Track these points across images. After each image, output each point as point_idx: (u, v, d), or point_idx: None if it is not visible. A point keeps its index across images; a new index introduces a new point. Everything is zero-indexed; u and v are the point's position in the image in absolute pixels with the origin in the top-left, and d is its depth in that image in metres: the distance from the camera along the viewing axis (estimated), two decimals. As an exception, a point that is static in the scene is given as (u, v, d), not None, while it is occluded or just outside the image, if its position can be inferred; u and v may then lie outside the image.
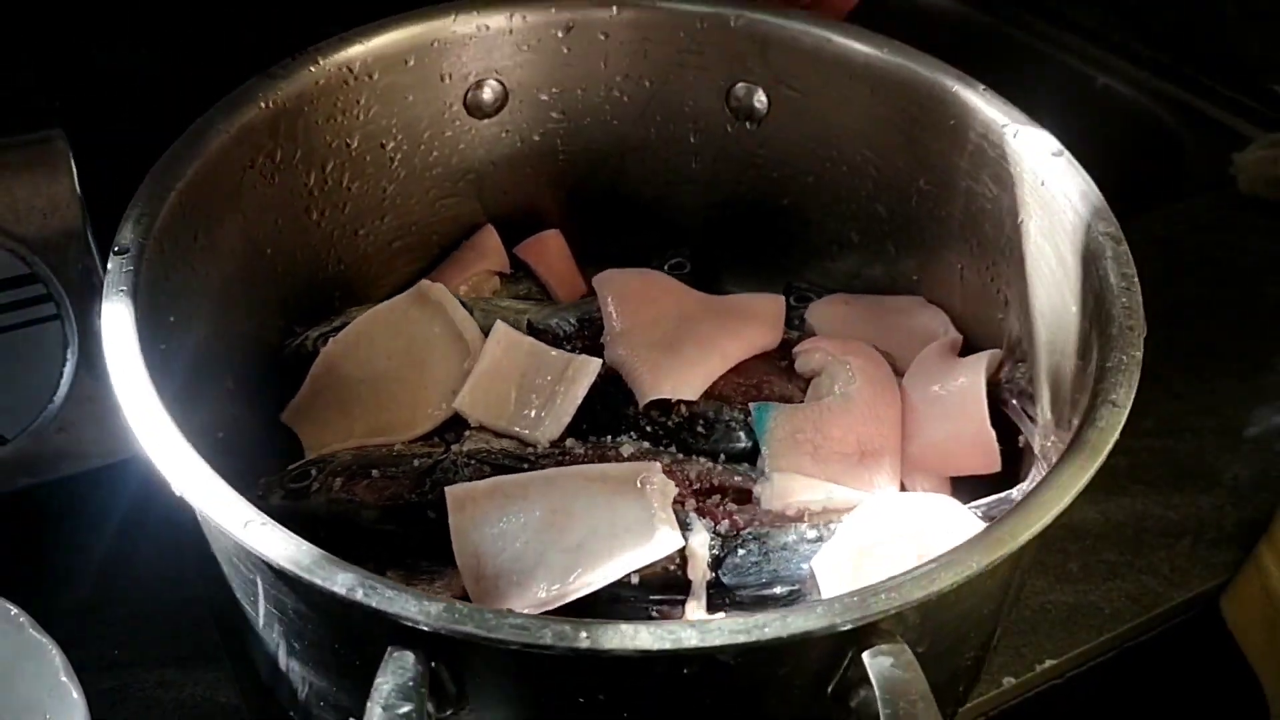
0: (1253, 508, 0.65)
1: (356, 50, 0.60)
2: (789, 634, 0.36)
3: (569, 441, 0.57)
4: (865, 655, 0.36)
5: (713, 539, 0.52)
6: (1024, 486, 0.53)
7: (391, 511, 0.53)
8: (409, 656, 0.36)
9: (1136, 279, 0.48)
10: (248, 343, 0.59)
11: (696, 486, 0.55)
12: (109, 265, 0.47)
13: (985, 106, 0.57)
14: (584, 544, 0.50)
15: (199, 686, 0.55)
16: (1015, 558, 0.40)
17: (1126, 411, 0.43)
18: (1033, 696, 0.58)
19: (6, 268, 0.53)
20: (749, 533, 0.52)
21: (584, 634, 0.36)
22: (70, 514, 0.60)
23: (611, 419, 0.58)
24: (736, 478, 0.56)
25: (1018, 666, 0.57)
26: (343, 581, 0.37)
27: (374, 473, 0.54)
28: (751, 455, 0.58)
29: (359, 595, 0.36)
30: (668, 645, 0.36)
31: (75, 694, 0.47)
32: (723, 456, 0.57)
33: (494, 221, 0.70)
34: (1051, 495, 0.40)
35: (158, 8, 0.78)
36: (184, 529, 0.46)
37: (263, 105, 0.57)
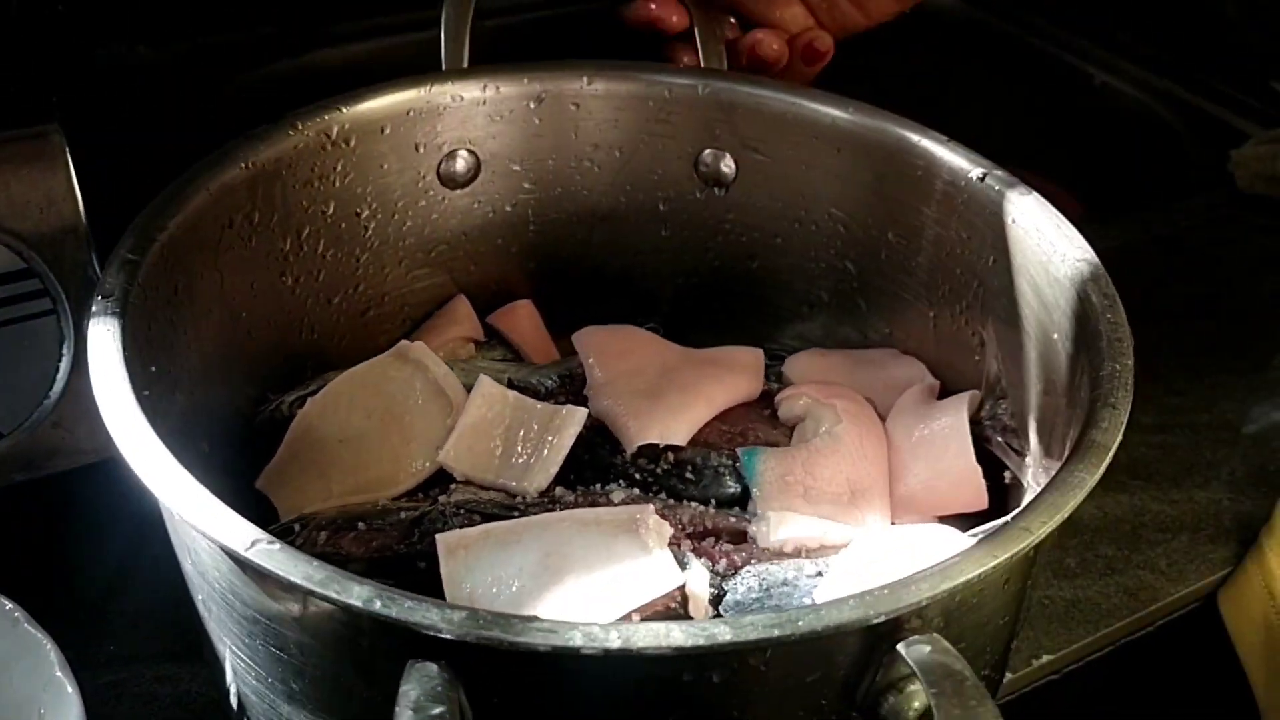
0: (1251, 503, 0.66)
1: (334, 116, 0.61)
2: (823, 626, 0.35)
3: (558, 490, 0.56)
4: (900, 646, 0.36)
5: (712, 578, 0.51)
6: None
7: (379, 564, 0.51)
8: (432, 666, 0.35)
9: (1118, 298, 0.49)
10: (222, 407, 0.58)
11: (690, 530, 0.54)
12: (93, 307, 0.46)
13: (950, 155, 0.59)
14: (581, 585, 0.49)
15: (196, 682, 0.54)
16: (1031, 556, 0.40)
17: (1126, 413, 0.44)
18: (1029, 692, 0.57)
19: (2, 262, 0.53)
20: (748, 570, 0.52)
21: (615, 634, 0.34)
22: (66, 510, 0.60)
23: (599, 470, 0.58)
24: (730, 520, 0.55)
25: (1015, 661, 0.56)
26: (359, 594, 0.35)
27: (360, 525, 0.53)
28: (741, 501, 0.57)
29: (376, 606, 0.35)
30: (701, 641, 0.35)
31: (70, 689, 0.46)
32: (713, 502, 0.57)
33: (465, 293, 0.70)
34: (1063, 492, 0.41)
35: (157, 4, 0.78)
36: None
37: (242, 166, 0.57)
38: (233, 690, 0.50)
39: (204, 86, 0.54)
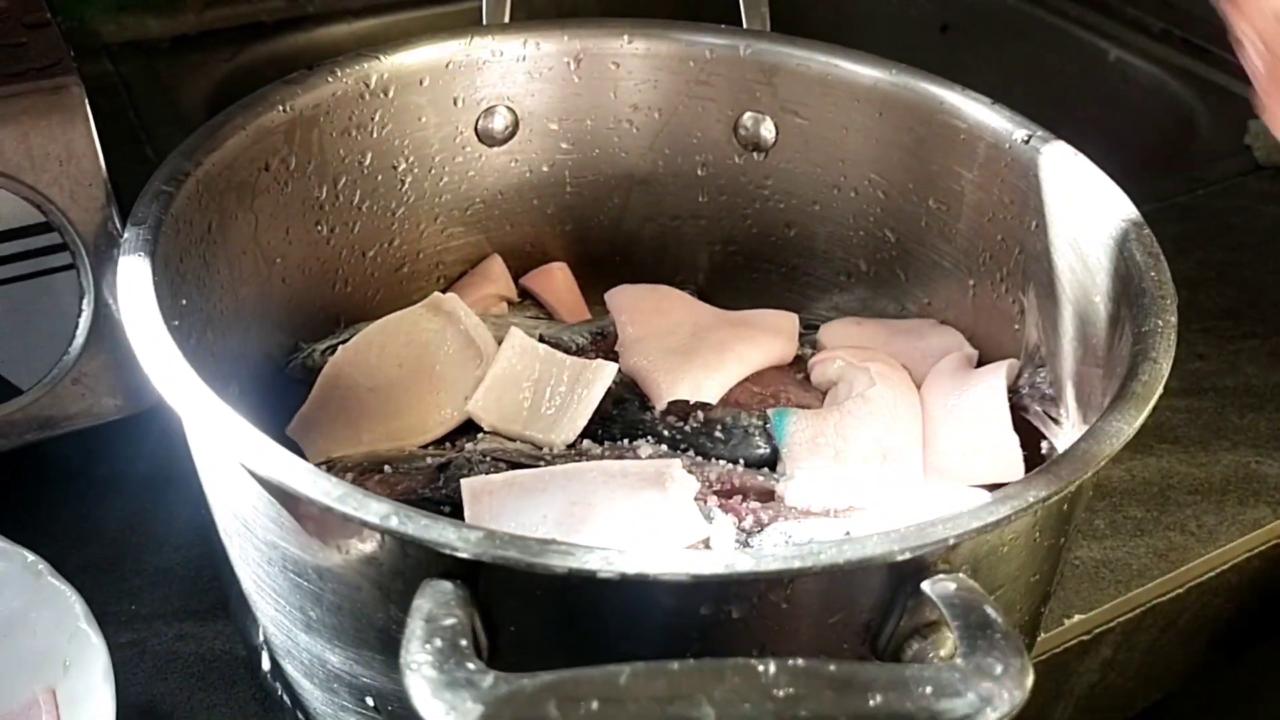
0: (1277, 465, 0.66)
1: (373, 65, 0.61)
2: (845, 560, 0.34)
3: (585, 444, 0.55)
4: (925, 584, 0.35)
5: (737, 534, 0.50)
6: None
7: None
8: (447, 584, 0.34)
9: (1162, 256, 0.48)
10: (254, 351, 0.58)
11: (717, 487, 0.54)
12: (126, 233, 0.46)
13: (994, 117, 0.58)
14: (604, 535, 0.48)
15: (219, 640, 0.54)
16: (1065, 510, 0.39)
17: (1167, 369, 0.43)
18: (1060, 652, 0.56)
19: (22, 215, 0.52)
20: (774, 528, 0.51)
21: (632, 559, 0.34)
22: (87, 468, 0.60)
23: (628, 426, 0.57)
24: (758, 479, 0.54)
25: (1046, 621, 0.55)
26: (375, 510, 0.35)
27: (386, 469, 0.53)
28: (770, 462, 0.56)
29: (393, 523, 0.35)
30: (720, 570, 0.34)
31: (95, 639, 0.46)
32: (742, 462, 0.56)
33: (499, 254, 0.70)
34: (1101, 441, 0.40)
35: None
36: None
37: (280, 109, 0.57)
38: (259, 634, 0.50)
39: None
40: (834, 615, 0.37)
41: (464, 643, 0.31)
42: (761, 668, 0.30)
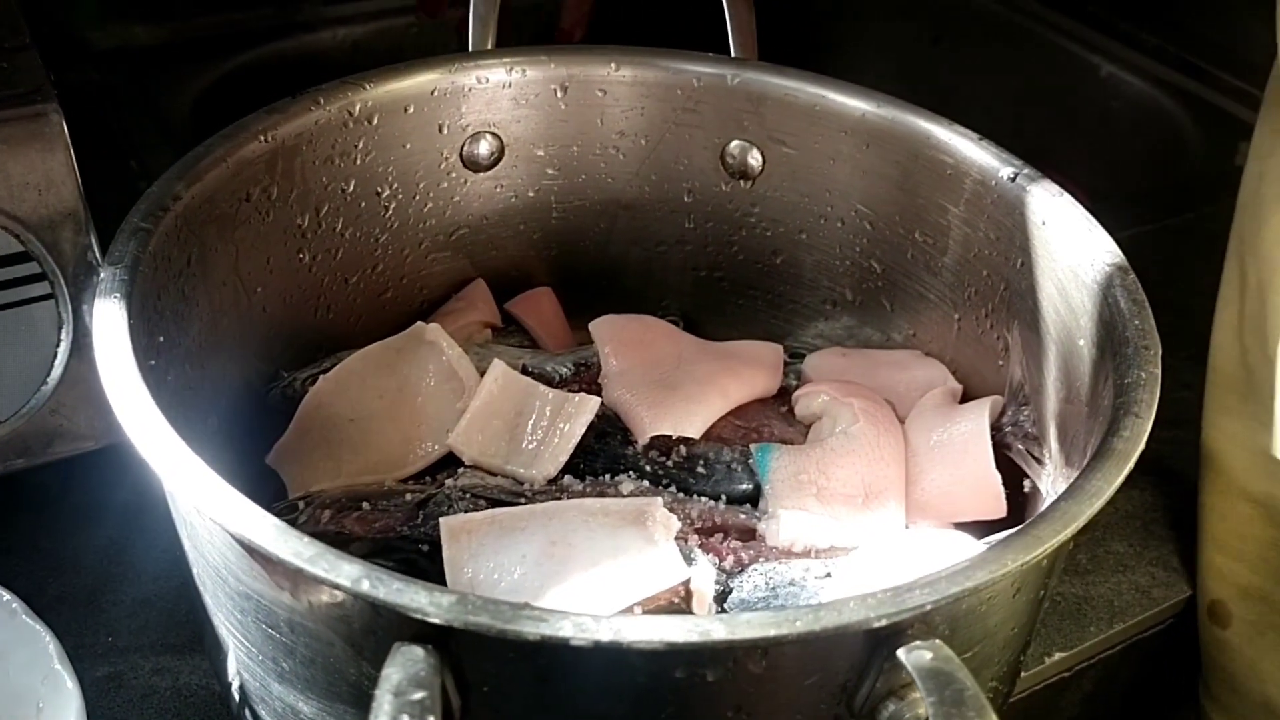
0: None
1: (357, 93, 0.60)
2: (820, 628, 0.34)
3: (566, 479, 0.55)
4: (900, 651, 0.35)
5: (718, 574, 0.50)
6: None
7: (382, 545, 0.51)
8: (418, 650, 0.34)
9: (1147, 303, 0.48)
10: (234, 382, 0.58)
11: (699, 525, 0.53)
12: (102, 272, 0.46)
13: (981, 153, 0.58)
14: (584, 576, 0.48)
15: (195, 675, 0.54)
16: (1044, 566, 0.39)
17: (1149, 423, 0.43)
18: (1041, 689, 0.56)
19: (0, 245, 0.51)
20: (755, 569, 0.51)
21: (605, 626, 0.34)
22: (65, 498, 0.60)
23: (610, 460, 0.57)
24: (740, 516, 0.54)
25: (1027, 659, 0.55)
26: (347, 573, 0.35)
27: (364, 505, 0.52)
28: (753, 498, 0.56)
29: (364, 587, 0.34)
30: (695, 638, 0.34)
31: (70, 683, 0.46)
32: (724, 498, 0.55)
33: (484, 279, 0.70)
34: (1081, 501, 0.39)
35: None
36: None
37: (262, 139, 0.56)
38: (231, 672, 0.49)
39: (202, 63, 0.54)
40: (810, 677, 0.37)
41: (431, 719, 0.31)
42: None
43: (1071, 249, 0.53)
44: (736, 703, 0.37)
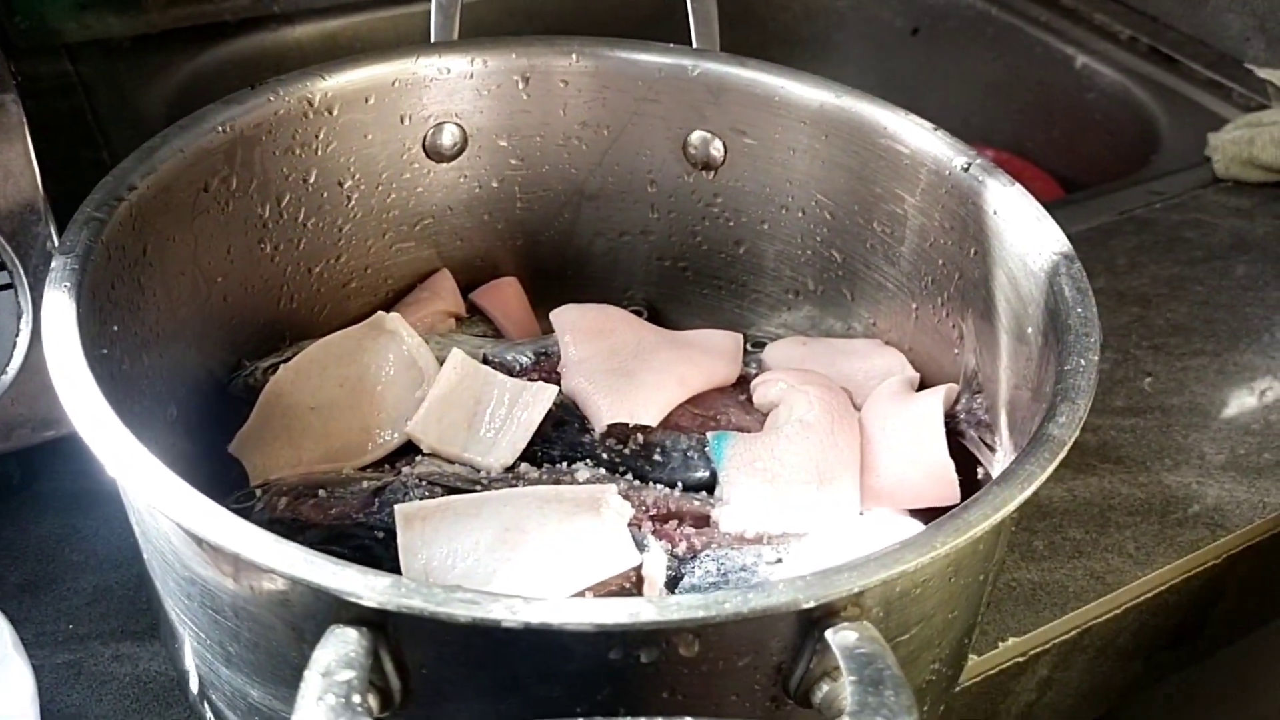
0: (1220, 487, 0.66)
1: (316, 84, 0.60)
2: (749, 609, 0.35)
3: (523, 467, 0.56)
4: (829, 633, 0.35)
5: (669, 560, 0.51)
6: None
7: (337, 531, 0.51)
8: (351, 632, 0.34)
9: (1091, 293, 0.48)
10: (193, 372, 0.58)
11: (653, 512, 0.54)
12: (53, 262, 0.46)
13: (935, 143, 0.59)
14: (536, 561, 0.49)
15: (154, 661, 0.54)
16: (980, 549, 0.40)
17: (1085, 410, 0.43)
18: (995, 674, 0.57)
19: None
20: (707, 554, 0.51)
21: (535, 608, 0.34)
22: (25, 486, 0.59)
23: (567, 448, 0.57)
24: (694, 503, 0.54)
25: (981, 644, 0.56)
26: (282, 558, 0.35)
27: (320, 493, 0.53)
28: (709, 486, 0.57)
29: (298, 571, 0.35)
30: (624, 620, 0.34)
31: (23, 666, 0.46)
32: (680, 486, 0.56)
33: (449, 268, 0.70)
34: (1013, 486, 0.40)
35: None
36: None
37: (220, 130, 0.57)
38: (186, 659, 0.50)
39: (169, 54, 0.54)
40: (743, 659, 0.37)
41: (357, 699, 0.31)
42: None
43: (1021, 238, 0.53)
44: (671, 684, 0.37)
